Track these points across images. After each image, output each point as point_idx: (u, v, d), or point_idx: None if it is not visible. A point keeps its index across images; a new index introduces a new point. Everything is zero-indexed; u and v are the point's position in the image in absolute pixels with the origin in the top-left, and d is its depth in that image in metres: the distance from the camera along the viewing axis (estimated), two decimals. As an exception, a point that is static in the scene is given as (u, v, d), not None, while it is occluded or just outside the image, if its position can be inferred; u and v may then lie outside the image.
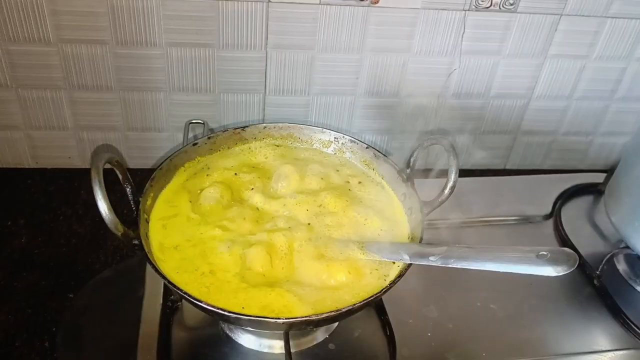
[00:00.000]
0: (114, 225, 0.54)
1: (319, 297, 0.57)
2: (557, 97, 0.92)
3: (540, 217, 0.86)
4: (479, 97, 0.90)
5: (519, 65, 0.87)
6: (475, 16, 0.81)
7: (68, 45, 0.77)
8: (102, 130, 0.86)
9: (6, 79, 0.79)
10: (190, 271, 0.58)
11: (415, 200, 0.65)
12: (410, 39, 0.82)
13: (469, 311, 0.71)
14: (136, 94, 0.83)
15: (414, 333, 0.68)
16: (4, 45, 0.76)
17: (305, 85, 0.85)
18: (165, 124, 0.87)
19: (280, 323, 0.52)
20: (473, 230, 0.83)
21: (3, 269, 0.73)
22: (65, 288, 0.71)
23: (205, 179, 0.69)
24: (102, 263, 0.75)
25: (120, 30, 0.77)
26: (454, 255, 0.53)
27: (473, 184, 0.90)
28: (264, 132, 0.75)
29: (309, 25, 0.79)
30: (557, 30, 0.84)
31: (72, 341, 0.65)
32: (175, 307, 0.67)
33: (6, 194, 0.84)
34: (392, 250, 0.60)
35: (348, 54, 0.83)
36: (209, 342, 0.64)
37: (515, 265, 0.49)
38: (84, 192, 0.85)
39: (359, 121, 0.90)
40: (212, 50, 0.80)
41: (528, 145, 0.97)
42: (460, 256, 0.53)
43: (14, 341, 0.65)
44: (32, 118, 0.84)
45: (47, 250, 0.76)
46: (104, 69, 0.80)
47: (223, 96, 0.85)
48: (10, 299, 0.69)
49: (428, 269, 0.56)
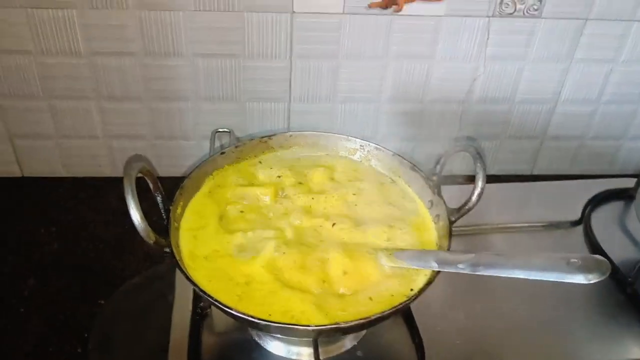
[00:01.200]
0: (146, 233, 0.55)
1: (347, 304, 0.57)
2: (584, 101, 0.91)
3: (569, 223, 0.84)
4: (504, 102, 0.89)
5: (545, 69, 0.87)
6: (500, 22, 0.81)
7: (98, 57, 0.79)
8: (130, 139, 0.88)
9: (39, 89, 0.81)
10: (221, 279, 0.58)
11: (443, 208, 0.65)
12: (434, 45, 0.82)
13: (497, 319, 0.71)
14: (163, 103, 0.85)
15: (443, 340, 0.67)
16: (37, 57, 0.78)
17: (329, 92, 0.86)
18: (192, 133, 0.88)
19: (310, 330, 0.53)
20: (500, 237, 0.82)
21: (36, 275, 0.75)
22: (96, 294, 0.73)
23: (233, 188, 0.69)
24: (132, 270, 0.76)
25: (148, 42, 0.78)
26: (483, 262, 0.53)
27: (499, 190, 0.89)
28: (290, 140, 0.75)
29: (333, 34, 0.80)
30: (583, 35, 0.83)
31: (103, 346, 0.66)
32: (204, 313, 0.67)
33: (38, 201, 0.86)
34: (420, 258, 0.59)
35: (372, 62, 0.83)
36: (238, 348, 0.65)
37: (546, 272, 0.48)
38: (113, 200, 0.87)
39: (383, 128, 0.90)
40: (238, 60, 0.81)
41: (555, 150, 0.96)
42: (488, 263, 0.52)
43: (48, 346, 0.67)
44: (63, 128, 0.86)
45: (77, 256, 0.78)
46: (133, 80, 0.82)
47: (248, 105, 0.86)
48: (42, 305, 0.71)
49: (455, 276, 0.56)
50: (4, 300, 0.71)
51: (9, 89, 0.81)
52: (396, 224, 0.66)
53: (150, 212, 0.62)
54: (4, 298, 0.71)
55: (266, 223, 0.65)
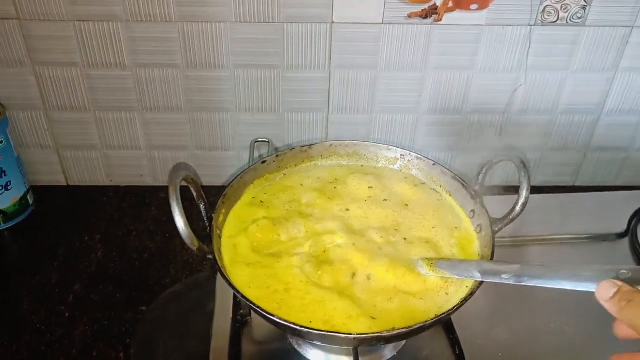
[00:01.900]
0: (190, 240, 0.55)
1: (388, 314, 0.57)
2: (630, 111, 0.88)
3: (615, 235, 0.82)
4: (546, 113, 0.88)
5: (588, 80, 0.85)
6: (542, 31, 0.80)
7: (142, 69, 0.81)
8: (172, 150, 0.90)
9: (85, 101, 0.84)
10: (262, 287, 0.59)
11: (485, 217, 0.64)
12: (474, 55, 0.82)
13: (541, 333, 0.69)
14: (204, 114, 0.86)
15: (484, 353, 0.66)
16: (84, 70, 0.81)
17: (368, 103, 0.86)
18: (232, 143, 0.89)
19: (352, 339, 0.52)
20: (543, 249, 0.80)
21: (81, 282, 0.76)
22: (138, 301, 0.74)
23: (273, 199, 0.70)
24: (173, 277, 0.77)
25: (190, 54, 0.80)
26: (528, 273, 0.51)
27: (542, 201, 0.87)
28: (330, 150, 0.76)
29: (372, 44, 0.80)
30: (629, 43, 0.82)
31: (145, 353, 0.67)
32: (245, 321, 0.68)
33: (83, 210, 0.89)
34: (462, 268, 0.58)
35: (411, 72, 0.83)
36: (278, 356, 0.65)
37: (594, 284, 0.47)
38: (154, 209, 0.89)
39: (422, 138, 0.90)
40: (277, 71, 0.82)
41: (599, 162, 0.94)
42: (534, 274, 0.51)
43: (92, 351, 0.68)
44: (108, 138, 0.88)
45: (120, 264, 0.79)
46: (175, 91, 0.84)
47: (287, 115, 0.87)
48: (87, 311, 0.73)
49: (497, 287, 0.55)
50: (51, 306, 0.73)
51: (57, 101, 0.84)
52: (438, 234, 0.65)
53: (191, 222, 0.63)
54: (51, 304, 0.73)
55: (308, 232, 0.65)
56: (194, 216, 0.63)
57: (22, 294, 0.74)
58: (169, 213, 0.54)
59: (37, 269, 0.78)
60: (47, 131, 0.87)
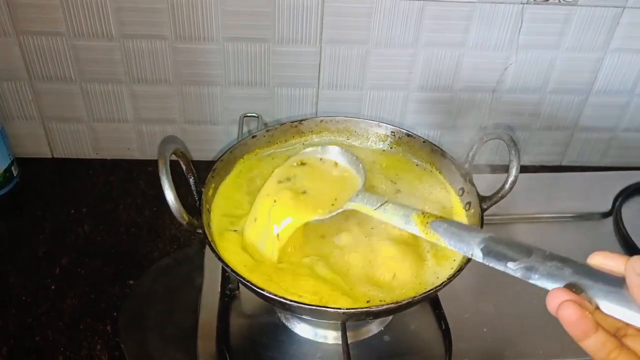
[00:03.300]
0: (179, 214, 0.55)
1: (374, 290, 0.57)
2: (617, 92, 0.89)
3: (599, 214, 0.83)
4: (536, 92, 0.88)
5: (578, 59, 0.85)
6: (534, 9, 0.79)
7: (130, 41, 0.80)
8: (160, 123, 0.89)
9: (71, 72, 0.82)
10: (251, 260, 0.59)
11: (474, 195, 0.64)
12: (465, 33, 0.81)
13: (526, 308, 0.69)
14: (193, 87, 0.85)
15: (470, 328, 0.67)
16: (70, 40, 0.79)
17: (358, 79, 0.85)
18: (221, 117, 0.88)
19: (341, 313, 0.53)
20: (529, 227, 0.81)
21: (68, 256, 0.76)
22: (126, 275, 0.74)
23: (263, 172, 0.70)
24: (161, 251, 0.77)
25: (179, 26, 0.79)
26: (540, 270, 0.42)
27: (528, 180, 0.88)
28: (321, 125, 0.75)
29: (364, 19, 0.79)
30: (620, 24, 0.82)
31: (133, 326, 0.67)
32: (233, 295, 0.68)
33: (69, 183, 0.88)
34: (462, 238, 0.48)
35: (402, 49, 0.82)
36: (266, 330, 0.66)
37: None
38: (142, 183, 0.88)
39: (411, 116, 0.90)
40: (268, 44, 0.81)
41: (586, 142, 0.95)
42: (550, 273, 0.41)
43: (79, 324, 0.68)
44: (95, 111, 0.87)
45: (108, 238, 0.79)
46: (163, 64, 0.82)
47: (277, 90, 0.86)
48: (75, 285, 0.72)
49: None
50: (38, 279, 0.73)
51: (42, 71, 0.82)
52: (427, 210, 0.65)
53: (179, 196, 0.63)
54: (38, 277, 0.73)
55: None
56: (183, 190, 0.63)
57: (8, 267, 0.74)
58: (157, 187, 0.54)
59: (23, 242, 0.77)
60: (31, 102, 0.85)
